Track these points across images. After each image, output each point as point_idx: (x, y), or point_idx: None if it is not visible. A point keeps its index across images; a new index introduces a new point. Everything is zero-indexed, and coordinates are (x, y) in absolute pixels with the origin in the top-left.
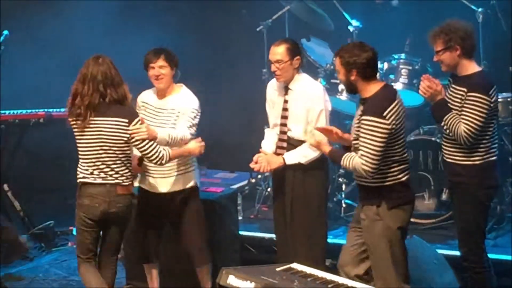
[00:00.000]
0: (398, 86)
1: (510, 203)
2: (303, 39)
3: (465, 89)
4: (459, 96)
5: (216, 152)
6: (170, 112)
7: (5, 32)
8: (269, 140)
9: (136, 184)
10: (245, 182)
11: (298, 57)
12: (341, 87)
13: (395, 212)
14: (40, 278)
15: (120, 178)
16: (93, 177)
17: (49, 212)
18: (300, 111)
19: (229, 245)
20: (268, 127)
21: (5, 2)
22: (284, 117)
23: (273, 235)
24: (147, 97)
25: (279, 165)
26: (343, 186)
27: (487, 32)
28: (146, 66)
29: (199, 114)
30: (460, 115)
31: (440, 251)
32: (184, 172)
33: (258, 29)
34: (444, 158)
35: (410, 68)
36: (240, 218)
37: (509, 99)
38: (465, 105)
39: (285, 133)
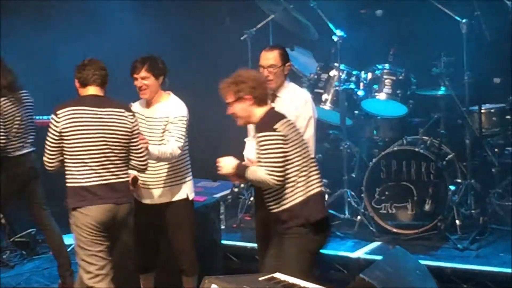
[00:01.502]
0: (381, 96)
1: (493, 214)
2: (287, 48)
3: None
4: None
5: (199, 161)
6: (159, 121)
7: None
8: (252, 148)
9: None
10: (228, 191)
11: (289, 63)
12: (325, 96)
13: None
14: (21, 286)
15: None
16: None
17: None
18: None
19: (212, 254)
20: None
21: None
22: None
23: (255, 245)
24: (137, 107)
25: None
26: (326, 196)
27: (471, 43)
28: (131, 75)
29: (187, 121)
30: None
31: (423, 262)
32: (174, 184)
33: (242, 38)
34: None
35: (394, 78)
36: (222, 227)
37: (492, 111)
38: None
39: None
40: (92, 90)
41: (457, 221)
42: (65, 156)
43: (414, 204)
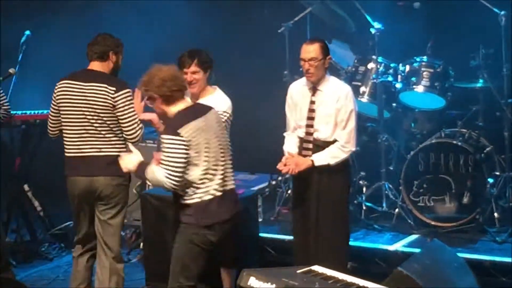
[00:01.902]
0: (419, 88)
1: None
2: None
3: None
4: None
5: (236, 154)
6: None
7: (27, 32)
8: (292, 142)
9: None
10: (266, 184)
11: (329, 56)
12: (362, 89)
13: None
14: (60, 278)
15: None
16: None
17: (68, 213)
18: (329, 111)
19: (250, 247)
20: (285, 131)
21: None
22: (311, 118)
23: (292, 237)
24: None
25: (307, 166)
26: (364, 189)
27: (510, 35)
28: (180, 69)
29: (230, 116)
30: None
31: (461, 255)
32: None
33: (279, 31)
34: None
35: (432, 70)
36: (260, 220)
37: None
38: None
39: (311, 134)
40: (94, 65)
41: (496, 214)
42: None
43: (452, 197)
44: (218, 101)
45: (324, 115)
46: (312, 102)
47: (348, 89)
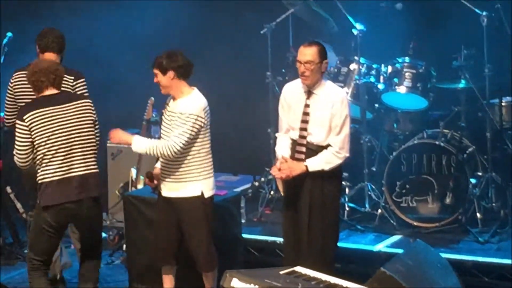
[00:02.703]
0: (402, 89)
1: None
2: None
3: None
4: None
5: (219, 155)
6: (178, 116)
7: (9, 34)
8: (284, 144)
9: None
10: (249, 185)
11: (326, 60)
12: (345, 90)
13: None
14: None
15: None
16: None
17: None
18: (324, 116)
19: (232, 248)
20: (277, 131)
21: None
22: (305, 121)
23: (276, 238)
24: (168, 99)
25: (301, 171)
26: (347, 190)
27: (491, 36)
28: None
29: (201, 118)
30: None
31: (443, 255)
32: (186, 180)
33: (262, 32)
34: None
35: (414, 71)
36: (243, 221)
37: None
38: None
39: (304, 137)
40: (48, 55)
41: (478, 214)
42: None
43: (434, 197)
44: (189, 103)
45: (318, 119)
46: (307, 106)
47: (344, 95)
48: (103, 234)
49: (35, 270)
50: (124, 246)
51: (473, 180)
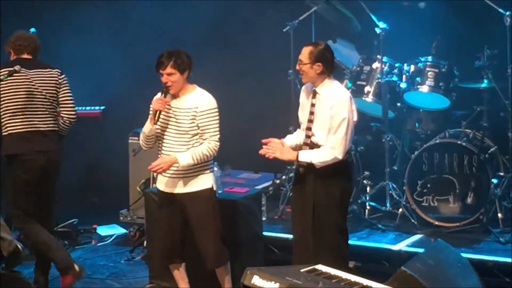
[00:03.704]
0: (424, 88)
1: None
2: (330, 40)
3: None
4: None
5: (240, 152)
6: (187, 111)
7: (32, 29)
8: (295, 136)
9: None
10: (270, 182)
11: (319, 63)
12: (367, 89)
13: None
14: None
15: None
16: None
17: (72, 210)
18: (325, 116)
19: (253, 245)
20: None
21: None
22: (310, 121)
23: None
24: (169, 97)
25: (290, 158)
26: (368, 188)
27: None
28: (157, 70)
29: (218, 113)
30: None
31: (464, 255)
32: (195, 175)
33: (284, 30)
34: None
35: (436, 70)
36: (264, 218)
37: None
38: None
39: (309, 137)
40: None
41: (499, 215)
42: None
43: (456, 197)
44: (202, 98)
45: (320, 119)
46: (313, 105)
47: (345, 97)
48: (124, 230)
49: None
50: (145, 242)
51: (494, 180)
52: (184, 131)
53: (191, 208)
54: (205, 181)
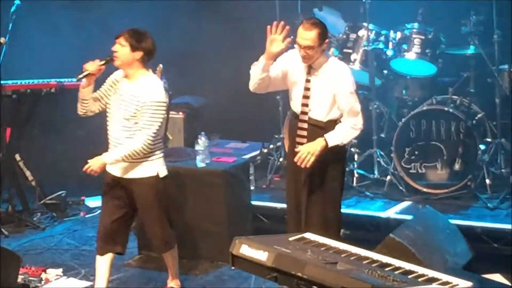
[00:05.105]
0: (410, 55)
1: None
2: (315, 8)
3: None
4: None
5: (228, 122)
6: (131, 98)
7: (17, 1)
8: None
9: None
10: (257, 152)
11: (327, 40)
12: (354, 56)
13: None
14: (52, 248)
15: None
16: None
17: (60, 182)
18: (325, 94)
19: (241, 215)
20: (286, 98)
21: None
22: (306, 97)
23: (285, 205)
24: (119, 76)
25: (321, 148)
26: (355, 156)
27: (501, 1)
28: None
29: (164, 105)
30: None
31: (453, 221)
32: (140, 161)
33: None
34: None
35: (423, 37)
36: (252, 188)
37: None
38: None
39: (305, 113)
40: None
41: (487, 180)
42: None
43: (444, 163)
44: (148, 89)
45: (319, 96)
46: (308, 81)
47: (346, 72)
48: None
49: None
50: None
51: (482, 146)
52: (130, 116)
53: (136, 194)
54: (149, 168)
